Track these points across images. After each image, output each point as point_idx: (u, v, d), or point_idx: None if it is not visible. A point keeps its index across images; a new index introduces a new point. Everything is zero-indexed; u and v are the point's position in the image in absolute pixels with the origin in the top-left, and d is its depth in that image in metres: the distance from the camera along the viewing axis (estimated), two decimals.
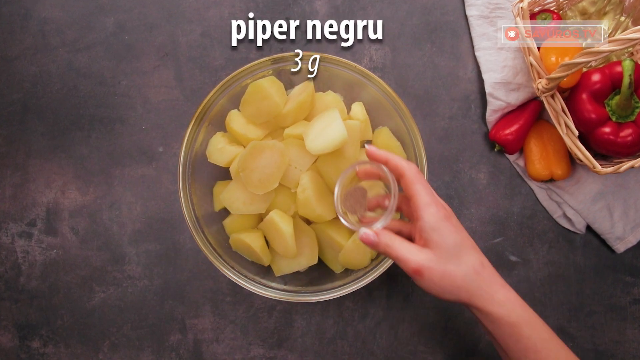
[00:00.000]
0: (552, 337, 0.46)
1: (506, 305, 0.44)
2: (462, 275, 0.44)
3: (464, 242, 0.45)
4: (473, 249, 0.46)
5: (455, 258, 0.44)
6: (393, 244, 0.46)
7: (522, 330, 0.44)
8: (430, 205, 0.45)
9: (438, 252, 0.45)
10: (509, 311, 0.44)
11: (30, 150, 0.68)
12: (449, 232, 0.45)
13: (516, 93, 0.66)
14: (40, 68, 0.69)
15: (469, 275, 0.44)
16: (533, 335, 0.44)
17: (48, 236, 0.68)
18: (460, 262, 0.44)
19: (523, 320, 0.44)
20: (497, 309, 0.44)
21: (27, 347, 0.67)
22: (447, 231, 0.45)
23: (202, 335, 0.67)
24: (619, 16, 0.64)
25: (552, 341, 0.46)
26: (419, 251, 0.45)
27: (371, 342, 0.67)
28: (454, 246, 0.45)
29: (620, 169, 0.58)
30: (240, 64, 0.65)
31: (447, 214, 0.46)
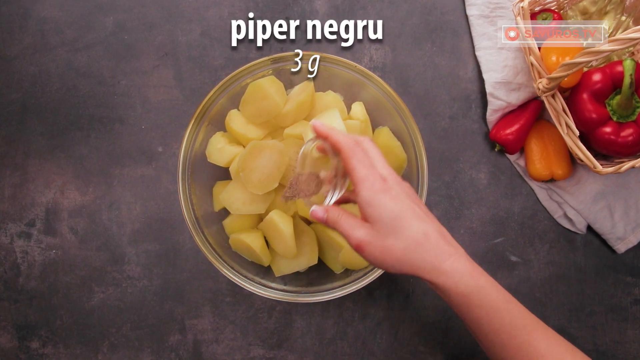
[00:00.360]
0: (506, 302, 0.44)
1: (453, 275, 0.43)
2: (402, 248, 0.43)
3: (403, 214, 0.43)
4: (416, 219, 0.43)
5: (394, 231, 0.43)
6: (339, 219, 0.46)
7: (472, 299, 0.43)
8: (364, 180, 0.44)
9: (376, 226, 0.43)
10: (455, 281, 0.43)
11: (29, 150, 0.68)
12: (384, 206, 0.43)
13: (517, 93, 0.66)
14: (40, 68, 0.69)
15: (409, 247, 0.43)
16: (484, 303, 0.43)
17: (47, 236, 0.68)
18: (399, 234, 0.43)
19: (473, 290, 0.43)
20: (443, 279, 0.43)
21: (27, 348, 0.67)
22: (382, 204, 0.43)
23: (202, 335, 0.66)
24: (619, 16, 0.64)
25: (506, 307, 0.44)
26: (361, 226, 0.44)
27: (371, 342, 0.67)
28: (391, 219, 0.43)
29: (621, 169, 0.58)
30: (240, 63, 0.65)
31: (385, 187, 0.44)
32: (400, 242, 0.43)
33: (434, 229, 0.44)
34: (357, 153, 0.45)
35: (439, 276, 0.43)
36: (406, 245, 0.43)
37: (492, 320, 0.43)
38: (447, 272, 0.43)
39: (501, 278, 0.67)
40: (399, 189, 0.44)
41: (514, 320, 0.43)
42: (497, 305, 0.43)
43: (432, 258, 0.43)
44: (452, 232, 0.66)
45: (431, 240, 0.43)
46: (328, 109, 0.58)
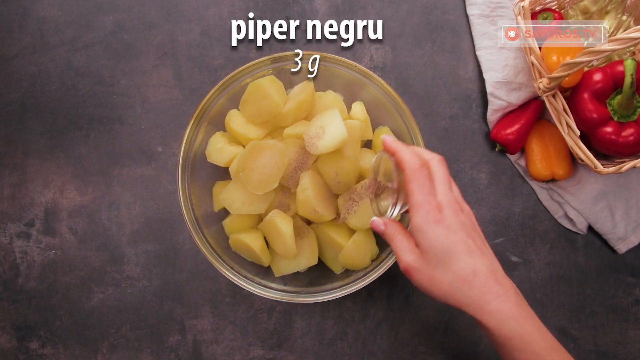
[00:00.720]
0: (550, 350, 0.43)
1: (497, 317, 0.42)
2: (449, 283, 0.43)
3: (453, 247, 0.43)
4: (467, 254, 0.43)
5: (442, 264, 0.43)
6: (394, 237, 0.46)
7: (514, 343, 0.42)
8: (419, 207, 0.43)
9: (426, 255, 0.43)
10: (499, 324, 0.42)
11: (28, 150, 0.68)
12: (435, 237, 0.43)
13: (517, 92, 0.66)
14: (39, 67, 0.68)
15: (455, 283, 0.43)
16: (526, 349, 0.42)
17: (46, 236, 0.67)
18: (447, 268, 0.43)
19: (515, 335, 0.42)
20: (487, 319, 0.42)
21: (26, 348, 0.67)
22: (433, 235, 0.43)
23: (202, 336, 0.66)
24: (620, 15, 0.63)
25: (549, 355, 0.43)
26: (411, 251, 0.44)
27: (371, 343, 0.66)
28: (440, 251, 0.43)
29: (622, 169, 0.58)
30: (239, 63, 0.65)
31: (439, 217, 0.43)
32: (447, 276, 0.43)
33: (484, 266, 0.43)
34: (418, 177, 0.45)
35: (482, 315, 0.43)
36: (453, 281, 0.43)
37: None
38: (492, 313, 0.42)
39: None
40: (455, 220, 0.44)
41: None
42: (539, 353, 0.42)
43: (478, 297, 0.42)
44: None
45: (479, 278, 0.42)
46: (328, 109, 0.58)
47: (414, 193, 0.44)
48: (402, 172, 0.46)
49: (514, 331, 0.42)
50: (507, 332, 0.42)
